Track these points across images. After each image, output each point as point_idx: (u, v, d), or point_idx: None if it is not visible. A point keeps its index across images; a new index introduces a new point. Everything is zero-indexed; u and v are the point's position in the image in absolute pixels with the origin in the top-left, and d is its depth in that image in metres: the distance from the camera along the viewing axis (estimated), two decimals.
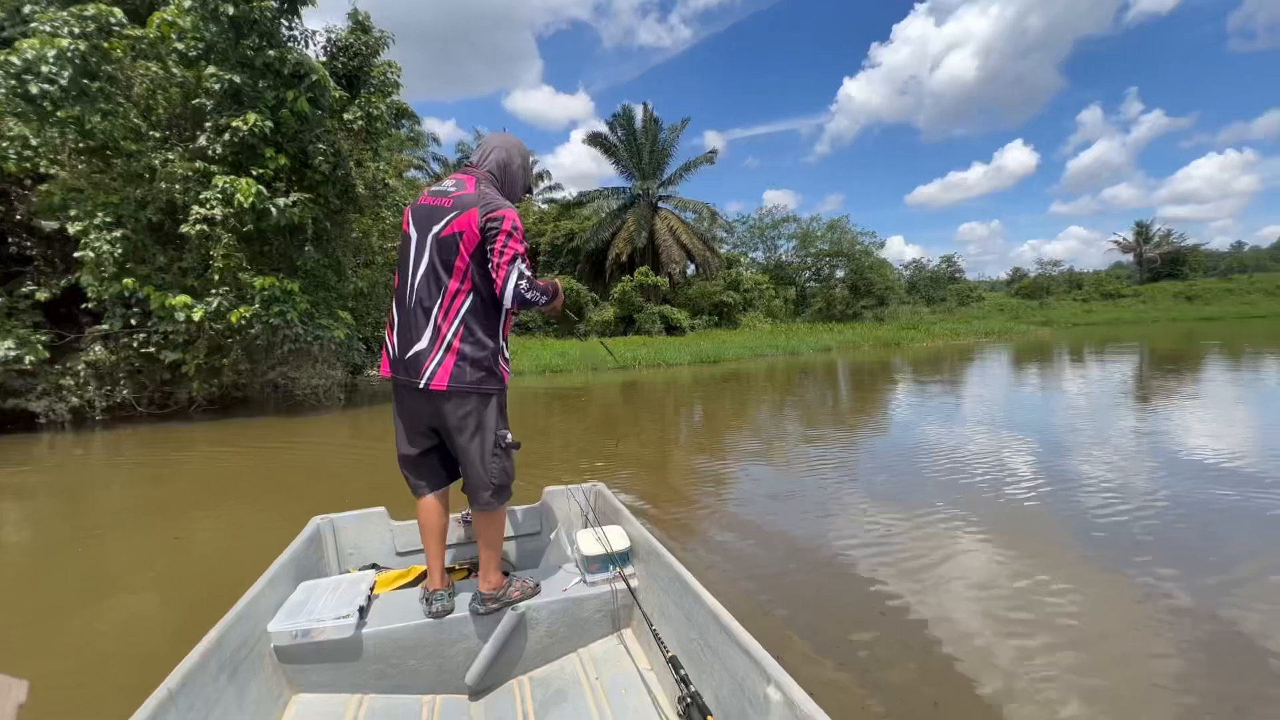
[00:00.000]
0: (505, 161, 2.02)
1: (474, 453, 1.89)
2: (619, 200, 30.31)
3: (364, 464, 6.53)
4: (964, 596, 2.90)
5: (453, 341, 1.80)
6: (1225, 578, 3.01)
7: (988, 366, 14.97)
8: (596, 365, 17.11)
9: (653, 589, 2.04)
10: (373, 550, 2.55)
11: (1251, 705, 2.08)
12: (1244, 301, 34.68)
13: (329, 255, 9.99)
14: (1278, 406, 7.93)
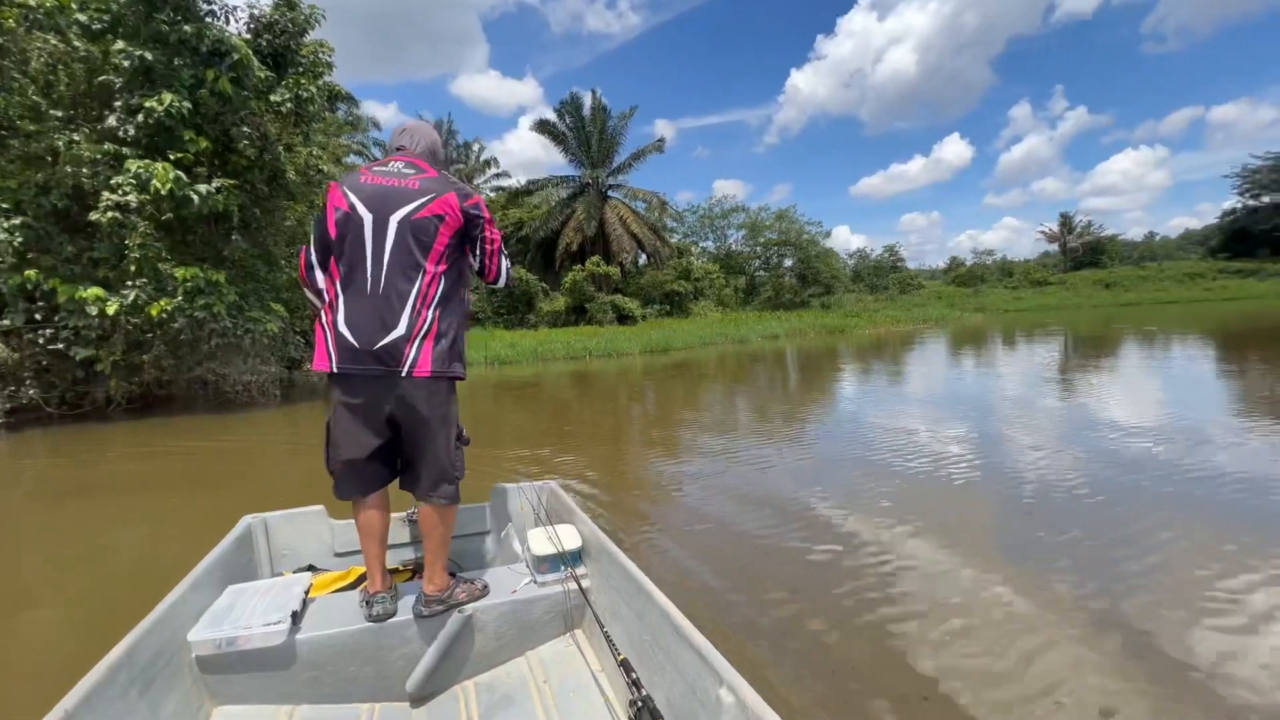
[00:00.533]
0: (433, 147, 2.01)
1: (441, 444, 1.85)
2: (568, 189, 30.01)
3: (302, 462, 6.30)
4: (894, 560, 3.06)
5: (432, 326, 1.76)
6: (1123, 535, 3.28)
7: (925, 352, 15.63)
8: (547, 356, 16.98)
9: (605, 589, 2.01)
10: (309, 551, 2.43)
11: (1141, 649, 2.27)
12: (1158, 288, 37.27)
13: (259, 245, 9.51)
14: (1182, 383, 8.60)
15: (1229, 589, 2.74)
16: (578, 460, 5.71)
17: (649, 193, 29.99)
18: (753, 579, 3.03)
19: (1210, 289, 35.01)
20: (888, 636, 2.46)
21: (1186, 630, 2.43)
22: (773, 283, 36.18)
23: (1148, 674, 2.17)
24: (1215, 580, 2.82)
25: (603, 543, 2.04)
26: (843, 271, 40.42)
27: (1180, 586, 2.80)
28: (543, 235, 28.39)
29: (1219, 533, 3.36)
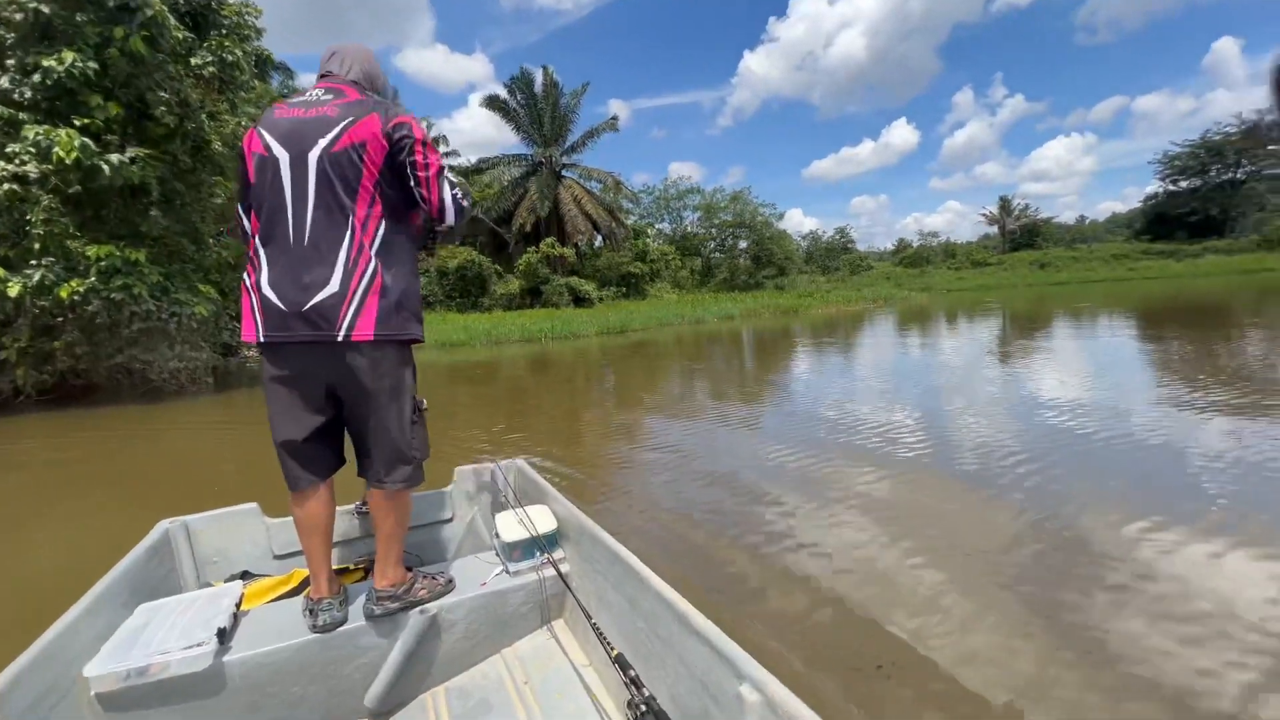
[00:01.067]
0: (370, 72, 1.72)
1: (393, 419, 1.59)
2: (521, 168, 29.28)
3: (238, 454, 5.91)
4: (845, 523, 3.06)
5: (374, 278, 1.49)
6: (1060, 492, 3.38)
7: (874, 329, 16.02)
8: (501, 339, 16.60)
9: (587, 574, 1.82)
10: (242, 555, 2.13)
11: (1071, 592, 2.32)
12: (1087, 268, 39.33)
13: (183, 221, 8.83)
14: (1108, 358, 9.06)
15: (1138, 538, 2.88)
16: (537, 443, 5.56)
17: (604, 173, 29.58)
18: (710, 549, 3.01)
19: (1134, 269, 37.18)
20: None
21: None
22: (728, 264, 36.45)
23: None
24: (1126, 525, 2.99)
25: (581, 522, 1.85)
26: (796, 253, 41.09)
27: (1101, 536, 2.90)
28: (495, 215, 27.64)
29: (1128, 486, 3.60)
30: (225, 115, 8.82)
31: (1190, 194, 41.07)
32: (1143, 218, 46.30)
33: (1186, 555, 2.79)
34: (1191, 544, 2.88)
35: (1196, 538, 2.94)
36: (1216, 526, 3.04)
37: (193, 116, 8.06)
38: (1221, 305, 17.26)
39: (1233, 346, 9.27)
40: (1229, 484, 3.62)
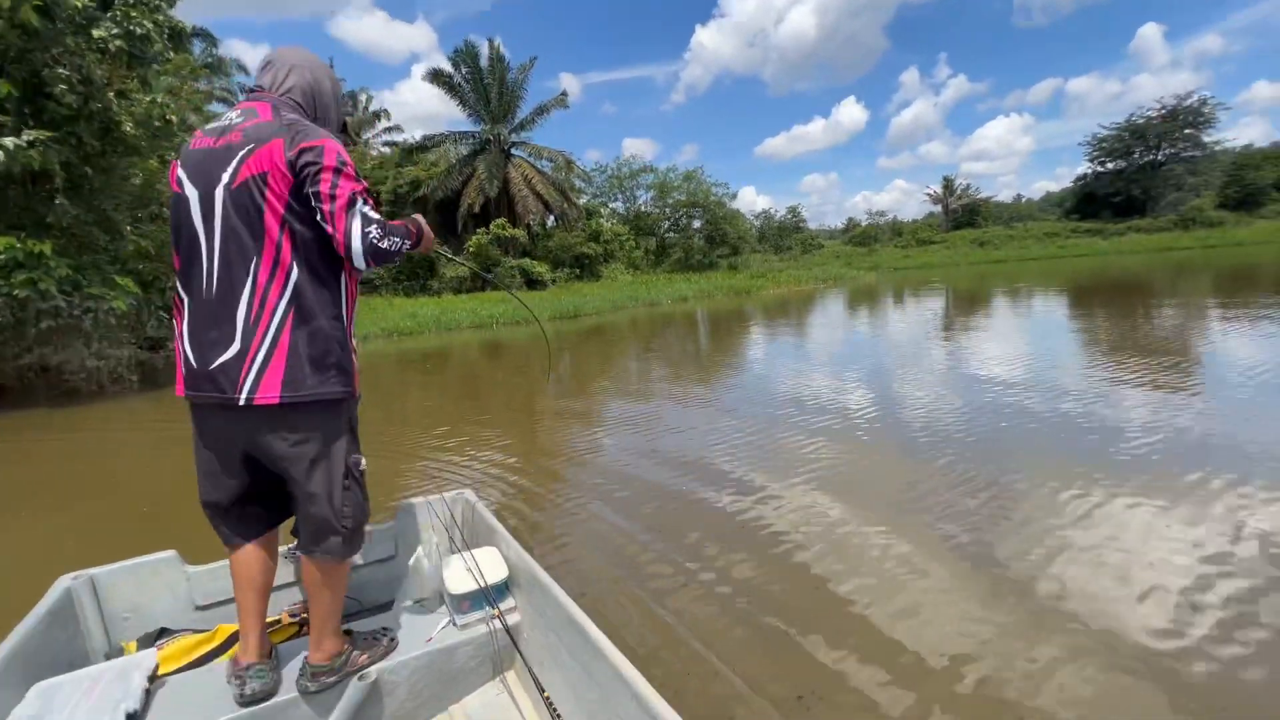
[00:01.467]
0: (312, 85, 1.51)
1: (319, 487, 1.42)
2: (468, 145, 28.33)
3: (169, 462, 5.60)
4: (796, 485, 3.16)
5: (280, 333, 1.32)
6: (1002, 465, 3.57)
7: (824, 309, 16.39)
8: (451, 326, 16.20)
9: (539, 628, 1.71)
10: (160, 610, 1.88)
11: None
12: (1022, 246, 41.14)
13: (94, 209, 8.18)
14: (1038, 334, 9.55)
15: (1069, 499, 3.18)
16: (492, 434, 5.49)
17: (555, 151, 28.92)
18: (671, 527, 3.19)
19: (1064, 247, 39.10)
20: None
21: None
22: (682, 244, 36.43)
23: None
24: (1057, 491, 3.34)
25: (533, 571, 1.73)
26: (749, 233, 41.40)
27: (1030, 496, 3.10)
28: (442, 196, 26.71)
29: (1054, 451, 3.99)
30: (136, 94, 8.16)
31: (1115, 175, 43.30)
32: (1073, 197, 48.63)
33: (1106, 505, 3.20)
34: (1113, 495, 3.31)
35: (1118, 489, 3.36)
36: (1132, 480, 3.48)
37: (98, 95, 7.41)
38: (1140, 283, 18.41)
39: (1145, 322, 9.99)
40: (1143, 444, 4.07)
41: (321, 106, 1.54)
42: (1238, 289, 14.16)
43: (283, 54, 1.52)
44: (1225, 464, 3.61)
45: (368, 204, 1.32)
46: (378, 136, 38.21)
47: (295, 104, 1.47)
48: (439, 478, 4.32)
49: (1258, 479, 3.37)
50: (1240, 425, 4.31)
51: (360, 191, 1.32)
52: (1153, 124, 40.73)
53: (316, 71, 1.53)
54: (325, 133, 1.37)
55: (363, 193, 1.32)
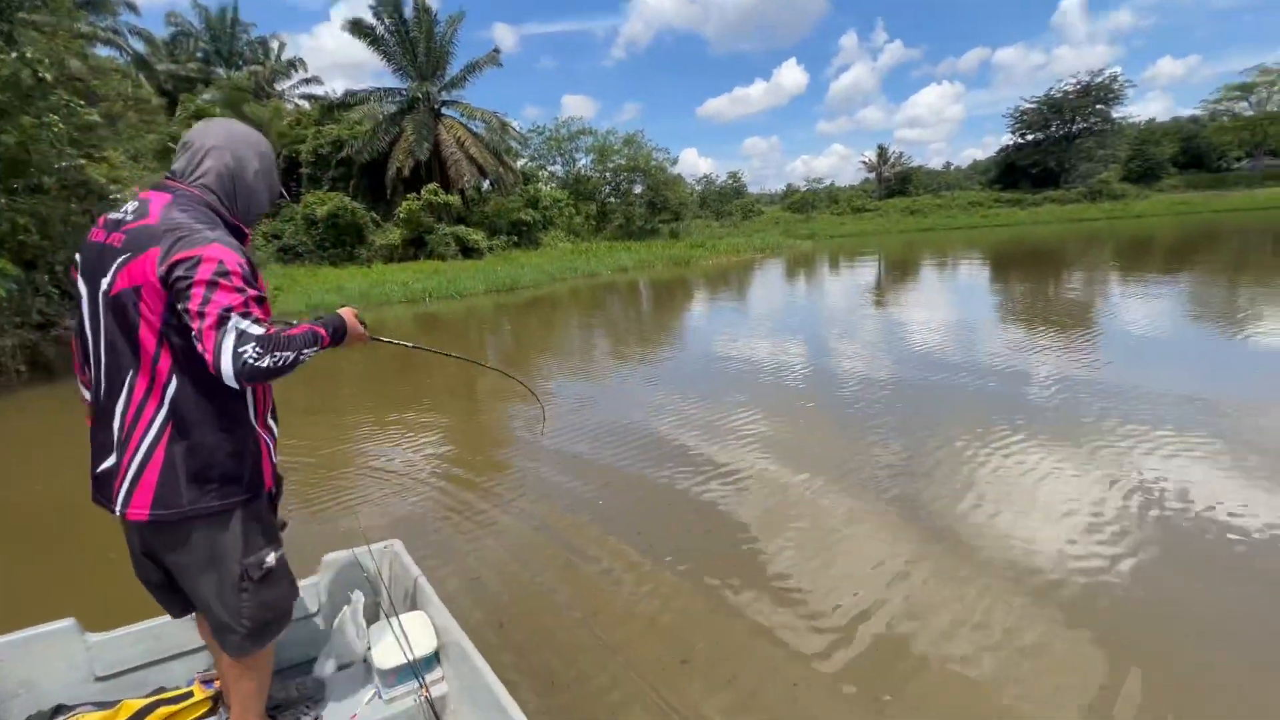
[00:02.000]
0: (232, 169, 1.39)
1: (209, 594, 1.39)
2: (395, 104, 26.69)
3: (56, 467, 5.23)
4: (735, 448, 3.34)
5: (154, 448, 1.28)
6: (926, 433, 3.87)
7: (760, 281, 16.73)
8: (381, 301, 15.58)
9: (465, 703, 1.67)
10: (55, 684, 1.74)
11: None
12: (948, 215, 42.98)
13: None
14: (962, 302, 10.15)
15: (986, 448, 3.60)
16: (433, 421, 5.42)
17: (488, 113, 27.68)
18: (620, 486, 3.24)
19: (987, 216, 41.12)
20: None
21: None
22: (623, 210, 36.02)
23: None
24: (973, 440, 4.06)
25: (462, 645, 1.69)
26: (690, 198, 41.37)
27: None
28: (368, 157, 25.18)
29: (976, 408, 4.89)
30: (1, 53, 7.23)
31: (1034, 147, 45.50)
32: (995, 167, 50.85)
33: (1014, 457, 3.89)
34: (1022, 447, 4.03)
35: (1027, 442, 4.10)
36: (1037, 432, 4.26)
37: None
38: (1048, 252, 19.70)
39: (1052, 288, 10.88)
40: (1047, 400, 4.99)
41: (244, 193, 1.43)
42: (1131, 260, 15.41)
43: (201, 133, 1.40)
44: (1115, 407, 4.67)
45: (250, 316, 1.22)
46: (294, 89, 35.44)
47: (208, 192, 1.37)
48: (377, 479, 4.25)
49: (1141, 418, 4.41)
50: (1129, 375, 5.52)
51: (238, 306, 1.21)
52: (1068, 99, 42.83)
53: (239, 150, 1.41)
54: (211, 238, 1.26)
55: (242, 305, 1.21)
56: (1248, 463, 3.61)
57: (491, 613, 2.67)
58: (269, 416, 1.50)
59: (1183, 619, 2.36)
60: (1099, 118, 42.79)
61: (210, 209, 1.35)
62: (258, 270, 1.37)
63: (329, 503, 3.96)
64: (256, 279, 1.32)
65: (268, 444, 1.46)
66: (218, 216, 1.36)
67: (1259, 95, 41.44)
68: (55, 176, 9.32)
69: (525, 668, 2.29)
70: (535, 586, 2.88)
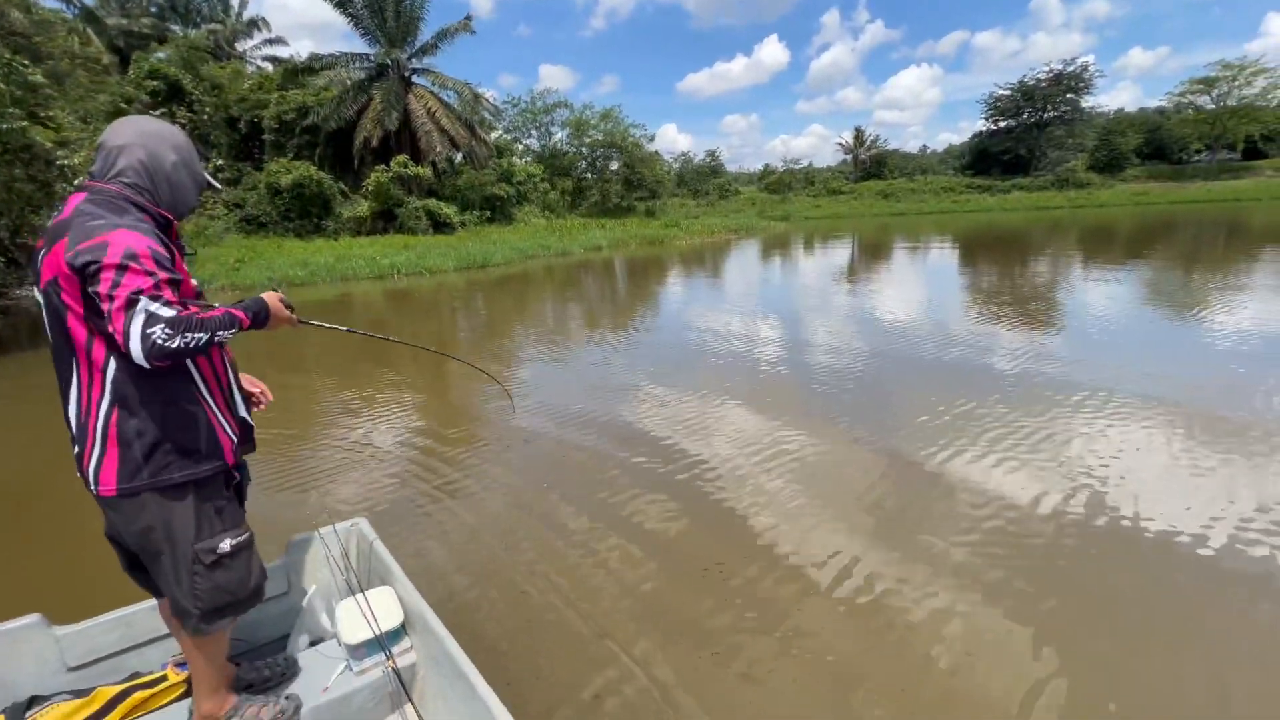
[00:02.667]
0: (148, 162, 1.43)
1: (167, 572, 1.47)
2: (363, 70, 25.82)
3: (32, 450, 5.11)
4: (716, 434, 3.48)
5: (107, 428, 1.36)
6: (897, 414, 4.06)
7: (732, 262, 16.84)
8: (348, 275, 15.29)
9: (431, 671, 1.76)
10: (26, 676, 1.77)
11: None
12: (920, 200, 43.52)
13: None
14: (933, 285, 10.42)
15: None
16: (399, 398, 5.45)
17: (461, 83, 26.97)
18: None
19: (957, 202, 41.76)
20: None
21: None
22: (599, 186, 35.67)
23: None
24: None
25: (426, 618, 1.78)
26: (667, 176, 41.12)
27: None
28: (335, 126, 24.37)
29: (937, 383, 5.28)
30: None
31: (1006, 133, 46.16)
32: (969, 153, 51.53)
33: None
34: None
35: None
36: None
37: None
38: (1016, 238, 20.19)
39: (1007, 274, 11.28)
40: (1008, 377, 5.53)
41: (164, 185, 1.47)
42: (1091, 248, 15.90)
43: (112, 133, 1.44)
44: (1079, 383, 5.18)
45: (160, 299, 1.26)
46: (256, 49, 34.00)
47: (126, 188, 1.40)
48: (344, 457, 4.28)
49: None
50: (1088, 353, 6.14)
51: (147, 288, 1.25)
52: (1040, 87, 43.42)
53: (151, 143, 1.44)
54: (119, 224, 1.31)
55: (152, 288, 1.26)
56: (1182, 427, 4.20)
57: (458, 581, 2.80)
58: (229, 393, 1.58)
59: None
60: (1069, 106, 43.54)
61: (129, 202, 1.40)
62: (177, 254, 1.46)
63: (296, 480, 3.99)
64: (174, 262, 1.40)
65: (221, 419, 1.53)
66: (137, 208, 1.40)
67: (1220, 89, 42.53)
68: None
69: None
70: (503, 558, 3.00)
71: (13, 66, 8.76)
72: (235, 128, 25.21)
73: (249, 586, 1.57)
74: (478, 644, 2.33)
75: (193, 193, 1.55)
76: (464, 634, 1.96)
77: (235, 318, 1.43)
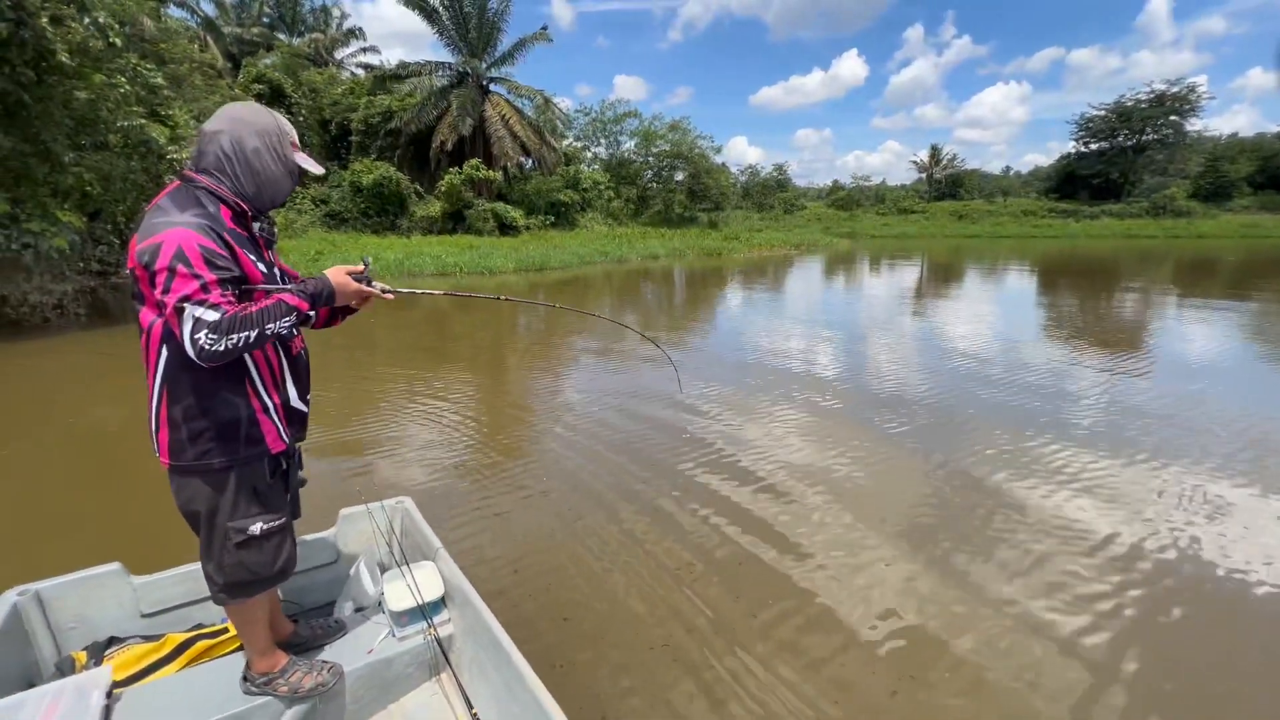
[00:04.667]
0: (231, 148, 1.43)
1: (204, 544, 1.57)
2: (445, 78, 27.19)
3: (112, 410, 5.76)
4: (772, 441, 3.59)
5: (159, 407, 1.45)
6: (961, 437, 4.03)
7: (792, 279, 16.65)
8: (413, 272, 16.13)
9: (469, 642, 1.89)
10: (105, 619, 1.94)
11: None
12: (997, 223, 41.54)
13: (31, 139, 7.95)
14: (1002, 312, 10.02)
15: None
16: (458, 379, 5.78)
17: (535, 91, 27.97)
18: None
19: (1038, 226, 39.61)
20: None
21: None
22: (663, 196, 36.00)
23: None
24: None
25: (466, 592, 1.91)
26: (732, 188, 41.01)
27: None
28: (415, 129, 25.81)
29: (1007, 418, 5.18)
30: (73, 21, 7.80)
31: (1098, 156, 43.41)
32: (1055, 175, 48.76)
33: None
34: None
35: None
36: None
37: (29, 23, 7.09)
38: (1104, 268, 18.97)
39: (1098, 305, 10.55)
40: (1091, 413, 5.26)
41: (246, 169, 1.46)
42: (1189, 281, 14.78)
43: (209, 120, 1.46)
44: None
45: (205, 303, 1.31)
46: (352, 57, 36.33)
47: (206, 175, 1.44)
48: (393, 437, 4.62)
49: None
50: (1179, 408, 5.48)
51: (194, 293, 1.30)
52: (1140, 107, 40.65)
53: (236, 130, 1.44)
54: (176, 222, 1.33)
55: (199, 292, 1.31)
56: None
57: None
58: (281, 381, 1.59)
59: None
60: (1171, 129, 40.53)
61: (207, 192, 1.42)
62: (260, 242, 1.51)
63: (349, 458, 4.34)
64: (237, 257, 1.41)
65: (269, 408, 1.55)
66: (214, 198, 1.43)
67: None
68: (119, 135, 9.99)
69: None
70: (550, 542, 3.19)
71: (138, 70, 9.80)
72: (327, 129, 27.10)
73: (274, 569, 1.62)
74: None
75: (283, 180, 1.53)
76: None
77: (289, 305, 1.44)
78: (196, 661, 1.87)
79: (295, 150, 1.56)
